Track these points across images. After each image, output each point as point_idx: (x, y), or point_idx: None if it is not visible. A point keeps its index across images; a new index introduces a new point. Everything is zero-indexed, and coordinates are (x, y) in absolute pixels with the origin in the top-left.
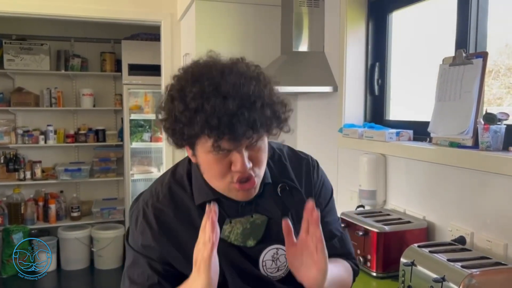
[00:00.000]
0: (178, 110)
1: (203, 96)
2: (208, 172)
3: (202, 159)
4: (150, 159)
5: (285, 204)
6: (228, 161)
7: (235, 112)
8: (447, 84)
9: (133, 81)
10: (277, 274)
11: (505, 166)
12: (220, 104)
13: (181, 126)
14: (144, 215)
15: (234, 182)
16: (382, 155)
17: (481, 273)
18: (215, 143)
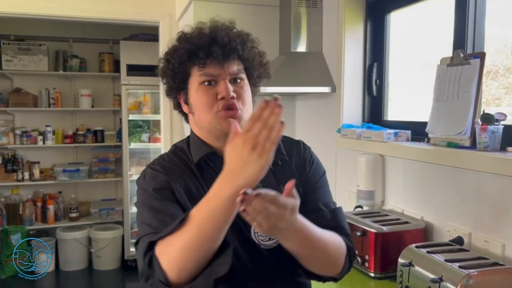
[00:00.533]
0: (174, 57)
1: (199, 35)
2: (199, 107)
3: (194, 98)
4: (148, 159)
5: (277, 177)
6: (215, 92)
7: (224, 43)
8: (444, 84)
9: (131, 82)
10: (268, 243)
11: (502, 167)
12: (210, 39)
13: (176, 66)
14: (152, 169)
15: (220, 110)
16: (380, 156)
17: (479, 273)
18: (202, 69)
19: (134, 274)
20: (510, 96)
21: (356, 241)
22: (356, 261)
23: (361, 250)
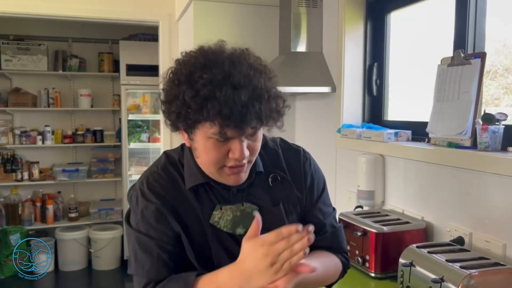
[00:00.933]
0: (188, 95)
1: (214, 83)
2: (204, 157)
3: (200, 144)
4: (148, 159)
5: (276, 194)
6: (227, 148)
7: (246, 103)
8: (445, 84)
9: (131, 82)
10: None
11: (503, 167)
12: (232, 93)
13: (188, 110)
14: (142, 194)
15: (226, 166)
16: (380, 156)
17: (480, 273)
18: (221, 130)
19: None
20: (509, 96)
21: (357, 241)
22: (356, 261)
23: (361, 250)
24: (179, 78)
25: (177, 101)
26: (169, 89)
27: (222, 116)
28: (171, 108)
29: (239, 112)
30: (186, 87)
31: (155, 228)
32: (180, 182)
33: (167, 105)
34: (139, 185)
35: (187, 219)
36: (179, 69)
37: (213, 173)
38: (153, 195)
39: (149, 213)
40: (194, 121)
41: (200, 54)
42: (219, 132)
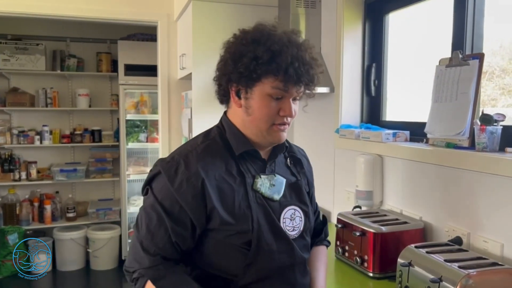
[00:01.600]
0: (260, 50)
1: (283, 43)
2: (258, 113)
3: (256, 101)
4: (146, 159)
5: (294, 173)
6: (278, 107)
7: (309, 63)
8: (443, 85)
9: (129, 82)
10: (292, 233)
11: (501, 167)
12: (299, 53)
13: (257, 64)
14: (186, 165)
15: (276, 124)
16: (378, 156)
17: (478, 273)
18: (284, 83)
19: None
20: (505, 97)
21: (355, 241)
22: (355, 261)
23: (360, 250)
24: (247, 39)
25: (244, 58)
26: (233, 49)
27: (288, 70)
28: (238, 64)
29: (304, 70)
30: (256, 45)
31: (186, 203)
32: (224, 152)
33: (232, 63)
34: (182, 157)
35: (233, 182)
36: (243, 35)
37: (262, 131)
38: (199, 167)
39: (190, 186)
40: (260, 74)
41: (260, 27)
42: (282, 85)
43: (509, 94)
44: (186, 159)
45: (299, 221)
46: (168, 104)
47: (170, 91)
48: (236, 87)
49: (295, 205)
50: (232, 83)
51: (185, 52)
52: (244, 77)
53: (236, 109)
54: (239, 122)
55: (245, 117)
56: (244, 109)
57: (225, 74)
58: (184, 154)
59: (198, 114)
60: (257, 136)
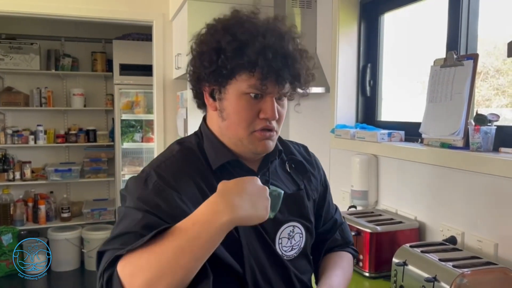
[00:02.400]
0: (225, 41)
1: (256, 31)
2: (235, 117)
3: (231, 102)
4: (141, 159)
5: (295, 180)
6: (258, 109)
7: (293, 55)
8: (438, 85)
9: (124, 81)
10: (290, 253)
11: (495, 167)
12: (278, 42)
13: (224, 58)
14: (158, 176)
15: (256, 130)
16: (374, 156)
17: (472, 272)
18: (261, 80)
19: None
20: (500, 97)
21: None
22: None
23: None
24: (215, 29)
25: (211, 51)
26: (201, 42)
27: (266, 61)
28: (204, 60)
29: (282, 61)
30: (223, 34)
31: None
32: (202, 166)
33: (198, 59)
34: (153, 168)
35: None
36: (213, 24)
37: (242, 139)
38: (171, 177)
39: (162, 199)
40: (231, 71)
41: (234, 14)
42: (260, 82)
43: (503, 94)
44: (158, 169)
45: (299, 238)
46: (164, 104)
47: (166, 90)
48: (208, 86)
49: (294, 221)
50: (203, 82)
51: (180, 52)
52: (212, 74)
53: (212, 115)
54: (215, 129)
55: (220, 122)
56: (219, 113)
57: (194, 72)
58: (156, 165)
59: (193, 114)
60: (236, 145)
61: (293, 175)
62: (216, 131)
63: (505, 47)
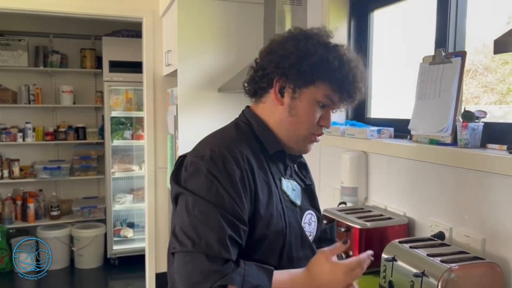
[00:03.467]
0: (331, 56)
1: (349, 54)
2: (303, 117)
3: (303, 104)
4: (131, 157)
5: (302, 178)
6: (319, 116)
7: (364, 80)
8: (427, 82)
9: (114, 78)
10: (310, 233)
11: (482, 163)
12: (358, 67)
13: (322, 67)
14: (233, 156)
15: (314, 134)
16: (363, 153)
17: (460, 267)
18: (338, 96)
19: (117, 273)
20: (488, 94)
21: (341, 237)
22: (340, 256)
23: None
24: (314, 40)
25: (312, 58)
26: (301, 46)
27: (347, 83)
28: (301, 62)
29: (358, 86)
30: (327, 50)
31: (237, 196)
32: (258, 150)
33: (291, 60)
34: (223, 149)
35: (269, 183)
36: (309, 34)
37: (300, 137)
38: (246, 154)
39: (237, 178)
40: (318, 78)
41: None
42: (337, 97)
43: (491, 92)
44: (229, 149)
45: (314, 226)
46: (154, 101)
47: (156, 88)
48: (283, 83)
49: (311, 210)
50: (283, 78)
51: (170, 49)
52: (302, 77)
53: (272, 106)
54: (272, 120)
55: (286, 117)
56: (287, 109)
57: (279, 67)
58: (226, 145)
59: (184, 111)
60: (290, 139)
61: (299, 174)
62: (270, 121)
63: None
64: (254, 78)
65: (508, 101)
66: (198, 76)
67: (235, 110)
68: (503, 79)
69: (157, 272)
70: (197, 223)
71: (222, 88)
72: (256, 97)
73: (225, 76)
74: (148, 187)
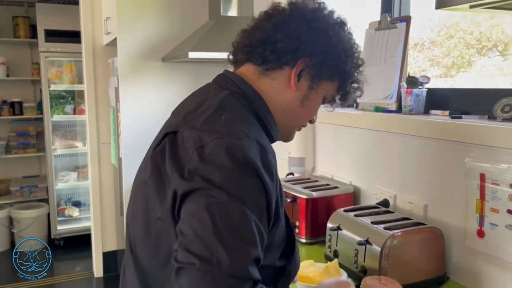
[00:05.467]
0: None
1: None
2: (310, 110)
3: (317, 97)
4: (74, 132)
5: None
6: None
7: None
8: (373, 49)
9: (51, 49)
10: None
11: (425, 129)
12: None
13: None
14: (265, 149)
15: (300, 126)
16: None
17: (403, 233)
18: (342, 95)
19: (63, 253)
20: (434, 68)
21: (287, 207)
22: None
23: (291, 217)
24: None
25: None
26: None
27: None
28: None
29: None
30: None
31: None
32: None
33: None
34: (252, 138)
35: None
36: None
37: (295, 126)
38: (271, 151)
39: (274, 176)
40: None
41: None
42: (341, 96)
43: (437, 65)
44: (261, 136)
45: None
46: (94, 73)
47: (96, 58)
48: (305, 67)
49: None
50: (308, 62)
51: (109, 16)
52: (326, 68)
53: (282, 87)
54: (277, 103)
55: (296, 105)
56: (301, 98)
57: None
58: (252, 133)
59: (125, 83)
60: (287, 127)
61: None
62: (277, 105)
63: (439, 18)
64: (275, 43)
65: (452, 74)
66: (140, 45)
67: (180, 81)
68: (448, 53)
69: (104, 251)
70: (227, 233)
71: (166, 57)
72: (263, 67)
73: (169, 44)
74: (91, 164)
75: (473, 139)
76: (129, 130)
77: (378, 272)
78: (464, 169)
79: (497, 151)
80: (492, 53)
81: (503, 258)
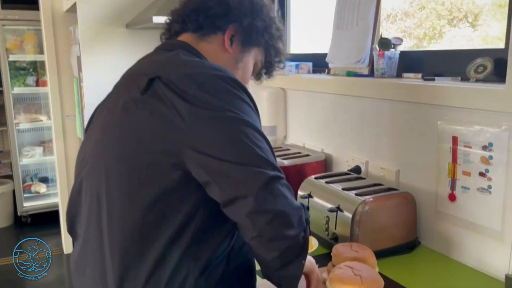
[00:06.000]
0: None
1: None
2: (244, 73)
3: (249, 61)
4: (38, 105)
5: None
6: None
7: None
8: (344, 11)
9: (8, 16)
10: None
11: (398, 92)
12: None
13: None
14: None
15: None
16: (282, 89)
17: (374, 199)
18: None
19: (29, 231)
20: (406, 39)
21: None
22: None
23: None
24: (265, 1)
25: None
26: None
27: (281, 55)
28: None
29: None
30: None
31: None
32: None
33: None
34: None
35: None
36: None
37: None
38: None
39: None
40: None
41: None
42: (266, 67)
43: (409, 36)
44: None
45: None
46: (55, 41)
47: (56, 26)
48: (236, 31)
49: None
50: (238, 28)
51: None
52: (254, 35)
53: (218, 50)
54: (214, 61)
55: (231, 65)
56: (236, 59)
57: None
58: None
59: (87, 51)
60: None
61: None
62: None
63: None
64: (207, 10)
65: (424, 46)
66: (102, 11)
67: (147, 49)
68: (420, 24)
69: None
70: (266, 148)
71: (130, 23)
72: (199, 33)
73: (133, 10)
74: (56, 138)
75: (446, 101)
76: (92, 101)
77: (350, 239)
78: (436, 133)
79: (470, 112)
80: (463, 24)
81: (474, 222)
